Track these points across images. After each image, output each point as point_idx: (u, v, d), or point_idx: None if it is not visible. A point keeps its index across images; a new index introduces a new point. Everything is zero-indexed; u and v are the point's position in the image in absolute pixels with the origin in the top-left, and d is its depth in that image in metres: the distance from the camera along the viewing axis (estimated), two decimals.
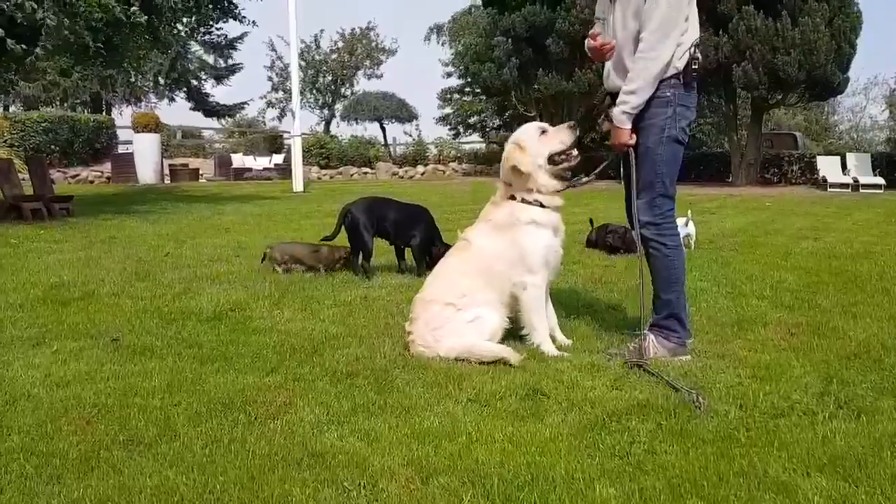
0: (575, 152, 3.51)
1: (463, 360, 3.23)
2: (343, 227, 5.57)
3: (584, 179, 3.73)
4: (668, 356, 3.30)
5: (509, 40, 23.90)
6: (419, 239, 5.57)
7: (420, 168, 27.11)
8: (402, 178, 25.83)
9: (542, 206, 3.47)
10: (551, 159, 3.46)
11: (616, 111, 3.28)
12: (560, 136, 3.48)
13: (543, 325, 3.48)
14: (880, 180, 19.12)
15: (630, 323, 3.83)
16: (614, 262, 6.15)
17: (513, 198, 3.50)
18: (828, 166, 20.28)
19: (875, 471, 2.14)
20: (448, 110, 36.76)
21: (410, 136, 31.61)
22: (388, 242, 5.86)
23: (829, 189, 19.04)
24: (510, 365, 3.17)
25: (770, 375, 3.07)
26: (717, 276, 5.66)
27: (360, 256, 5.50)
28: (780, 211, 12.19)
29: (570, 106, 24.93)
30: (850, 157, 20.74)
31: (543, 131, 3.51)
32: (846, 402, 2.69)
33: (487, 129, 34.58)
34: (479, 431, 2.42)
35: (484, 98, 31.92)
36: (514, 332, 3.52)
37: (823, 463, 2.19)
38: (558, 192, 3.51)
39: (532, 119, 26.03)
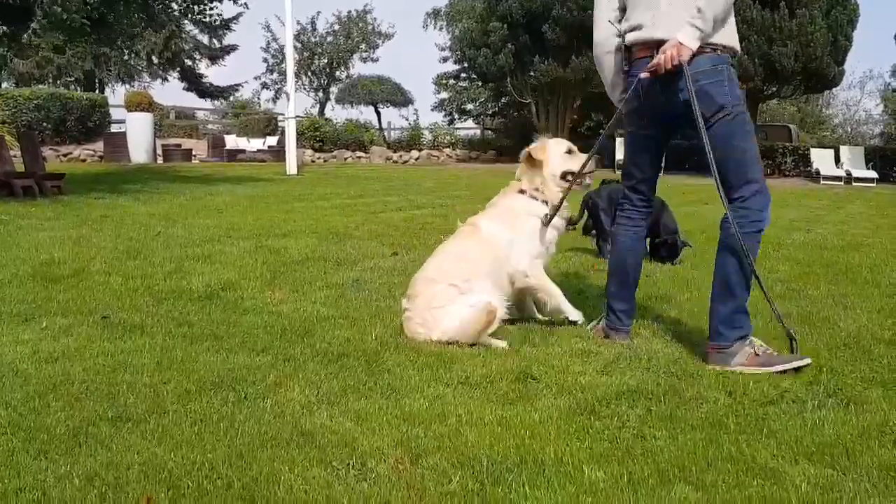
0: (588, 180, 3.80)
1: (454, 343, 3.23)
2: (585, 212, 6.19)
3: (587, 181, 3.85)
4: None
5: (505, 26, 23.82)
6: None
7: (414, 153, 27.03)
8: (397, 162, 25.78)
9: (545, 203, 3.67)
10: (564, 176, 3.67)
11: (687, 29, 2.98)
12: (581, 161, 3.69)
13: (558, 291, 3.65)
14: (873, 174, 19.20)
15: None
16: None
17: (522, 192, 3.71)
18: (821, 159, 20.35)
19: (862, 459, 2.15)
20: (444, 95, 36.64)
21: (407, 120, 31.51)
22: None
23: (822, 181, 19.11)
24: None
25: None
26: (710, 265, 5.65)
27: (600, 238, 6.01)
28: (773, 202, 12.20)
29: (566, 93, 24.89)
30: (844, 150, 20.81)
31: (570, 151, 3.77)
32: (835, 391, 2.70)
33: (482, 116, 34.49)
34: (469, 414, 2.42)
35: (480, 84, 31.83)
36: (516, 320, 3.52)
37: (811, 450, 2.20)
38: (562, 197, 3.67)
39: (527, 105, 26.01)
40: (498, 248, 3.57)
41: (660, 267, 5.55)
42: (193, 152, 22.84)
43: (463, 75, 33.96)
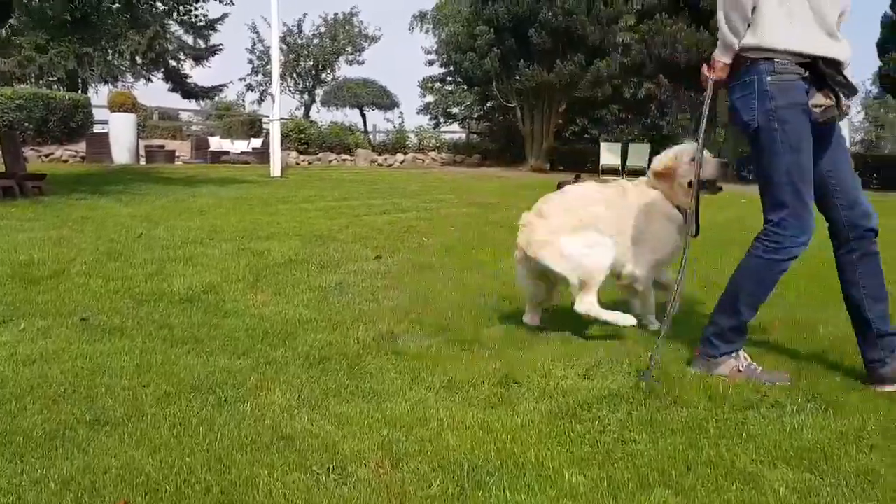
0: (719, 184, 3.65)
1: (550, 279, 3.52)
2: None
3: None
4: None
5: (492, 30, 23.86)
6: None
7: (400, 156, 27.00)
8: (382, 165, 25.73)
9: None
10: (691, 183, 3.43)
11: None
12: (714, 169, 3.60)
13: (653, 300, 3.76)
14: None
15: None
16: None
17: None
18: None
19: (840, 464, 2.17)
20: (429, 99, 36.65)
21: (392, 123, 31.47)
22: None
23: None
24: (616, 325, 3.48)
25: None
26: (691, 269, 5.69)
27: None
28: (755, 208, 12.28)
29: (551, 98, 24.97)
30: None
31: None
32: (814, 396, 2.72)
33: (468, 119, 34.52)
34: (451, 418, 2.42)
35: (465, 88, 31.86)
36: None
37: (790, 455, 2.22)
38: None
39: (512, 109, 26.05)
40: (632, 226, 3.59)
41: None
42: (177, 153, 22.68)
43: (449, 79, 33.99)
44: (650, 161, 3.91)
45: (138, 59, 31.50)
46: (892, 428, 2.48)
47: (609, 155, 23.33)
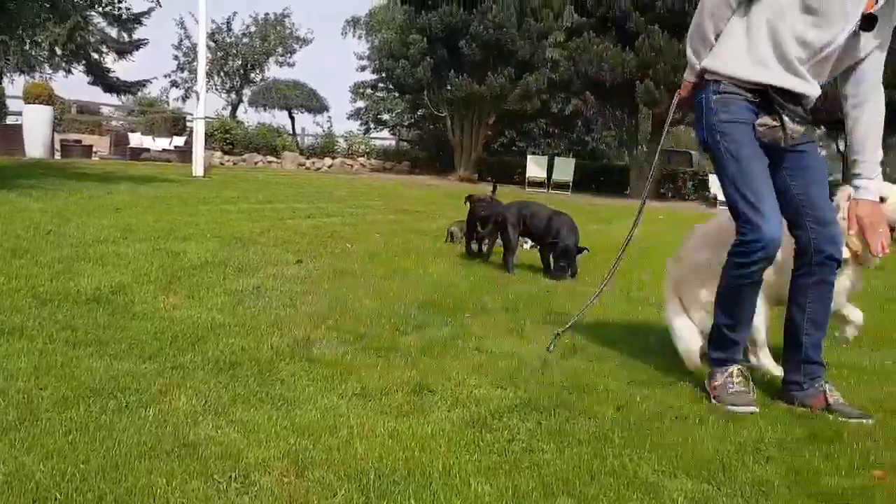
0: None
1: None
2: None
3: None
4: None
5: (424, 39, 23.97)
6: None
7: (328, 160, 26.77)
8: (309, 169, 25.45)
9: None
10: None
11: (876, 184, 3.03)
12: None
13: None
14: None
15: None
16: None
17: None
18: (718, 184, 21.28)
19: (737, 474, 2.25)
20: (360, 104, 36.48)
21: (321, 127, 31.15)
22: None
23: (718, 206, 19.99)
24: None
25: (651, 380, 3.19)
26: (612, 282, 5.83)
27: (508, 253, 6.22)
28: (671, 224, 12.68)
29: (480, 109, 25.23)
30: (713, 179, 21.75)
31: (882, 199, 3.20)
32: (716, 408, 2.81)
33: (398, 127, 34.53)
34: (362, 426, 2.39)
35: (397, 95, 31.87)
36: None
37: (690, 465, 2.28)
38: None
39: (443, 119, 26.18)
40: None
41: (559, 283, 5.68)
42: (94, 149, 21.84)
43: (381, 85, 33.94)
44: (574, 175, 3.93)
45: (58, 50, 30.29)
46: (789, 441, 2.59)
47: (535, 168, 23.74)
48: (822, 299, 3.01)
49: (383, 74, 30.06)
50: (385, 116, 35.86)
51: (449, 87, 24.45)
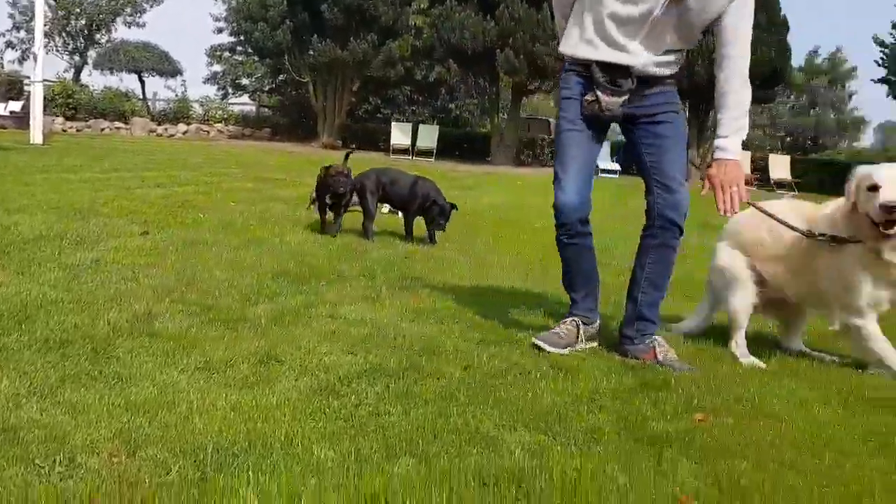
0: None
1: None
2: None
3: None
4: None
5: (284, 1, 23.24)
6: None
7: (182, 127, 25.56)
8: (162, 136, 24.21)
9: None
10: None
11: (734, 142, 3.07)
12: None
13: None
14: (616, 166, 21.29)
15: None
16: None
17: None
18: None
19: (572, 424, 2.36)
20: (217, 68, 34.95)
21: (174, 91, 29.61)
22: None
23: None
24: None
25: (499, 339, 3.29)
26: (466, 247, 5.95)
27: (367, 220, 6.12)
28: (529, 190, 13.08)
29: (344, 75, 24.82)
30: None
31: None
32: (556, 362, 2.94)
33: (259, 92, 33.39)
34: (202, 400, 2.31)
35: (257, 59, 30.78)
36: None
37: (529, 418, 2.38)
38: None
39: (305, 84, 25.56)
40: None
41: (420, 248, 5.73)
42: None
43: (239, 48, 32.65)
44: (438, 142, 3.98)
45: None
46: (621, 390, 2.75)
47: (399, 135, 23.70)
48: (662, 262, 3.23)
49: (242, 37, 28.94)
50: (244, 81, 34.58)
51: (311, 52, 23.86)
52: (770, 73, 21.57)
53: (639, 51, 3.09)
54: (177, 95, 28.84)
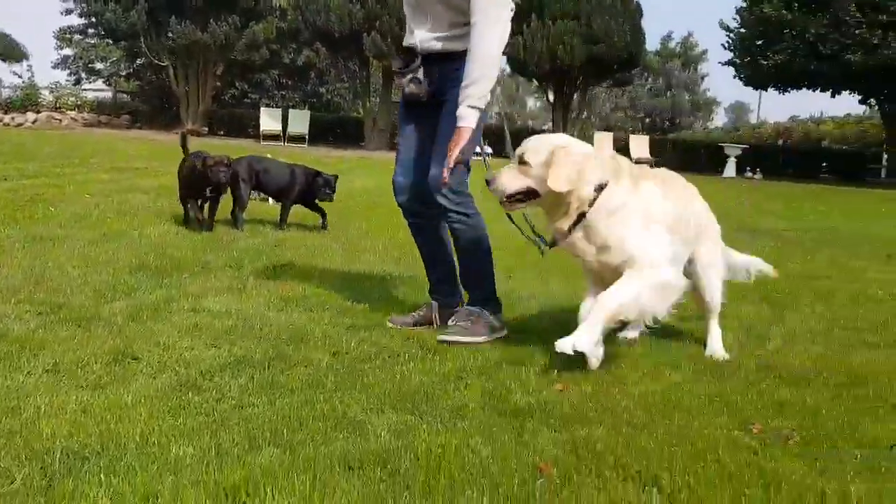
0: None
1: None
2: None
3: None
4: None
5: None
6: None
7: (31, 115, 23.83)
8: (8, 125, 22.47)
9: None
10: None
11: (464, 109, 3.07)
12: None
13: None
14: (488, 150, 21.67)
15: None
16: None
17: None
18: None
19: (439, 403, 2.40)
20: (68, 52, 32.73)
21: (21, 77, 27.46)
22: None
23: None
24: None
25: (368, 324, 3.29)
26: (338, 233, 5.91)
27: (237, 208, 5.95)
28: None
29: (206, 59, 23.89)
30: None
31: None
32: (423, 343, 2.98)
33: (115, 77, 31.56)
34: (50, 404, 2.19)
35: (111, 42, 29.06)
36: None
37: (397, 400, 2.40)
38: None
39: (165, 68, 24.40)
40: None
41: (289, 234, 5.63)
42: None
43: (91, 31, 30.67)
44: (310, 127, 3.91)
45: None
46: (487, 367, 2.82)
47: (269, 120, 23.10)
48: (434, 240, 3.47)
49: (93, 19, 27.17)
50: (98, 66, 32.56)
51: (170, 35, 22.78)
52: (627, 56, 22.57)
53: (413, 31, 3.30)
54: (24, 82, 26.77)
